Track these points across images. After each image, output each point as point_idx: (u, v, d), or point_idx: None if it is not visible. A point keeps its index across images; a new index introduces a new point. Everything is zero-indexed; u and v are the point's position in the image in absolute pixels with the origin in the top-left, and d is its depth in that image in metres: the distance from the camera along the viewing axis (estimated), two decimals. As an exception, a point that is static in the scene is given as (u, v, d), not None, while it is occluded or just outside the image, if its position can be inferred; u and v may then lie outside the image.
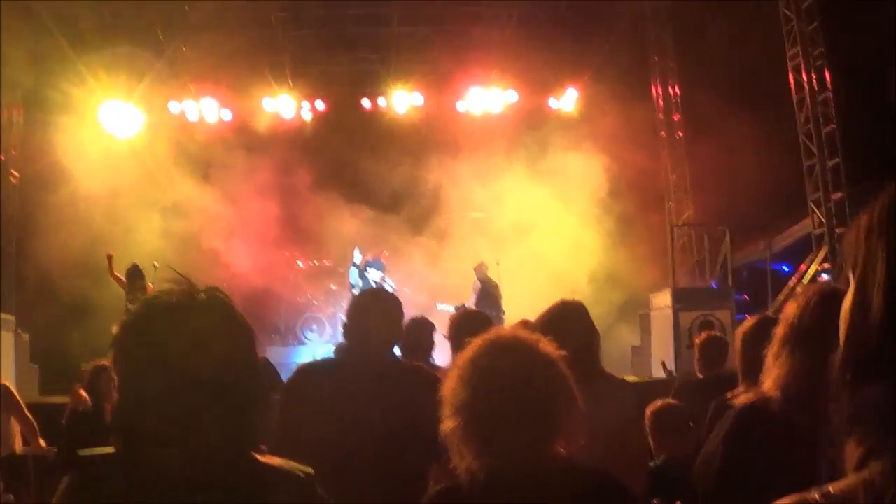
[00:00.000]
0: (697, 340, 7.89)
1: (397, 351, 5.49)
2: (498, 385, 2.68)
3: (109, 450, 2.26)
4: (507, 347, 2.81)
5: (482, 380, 2.71)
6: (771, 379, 3.17)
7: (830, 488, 1.31)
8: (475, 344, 2.83)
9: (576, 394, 2.78)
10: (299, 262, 20.81)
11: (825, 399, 2.73)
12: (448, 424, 2.74)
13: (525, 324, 5.53)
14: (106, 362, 9.04)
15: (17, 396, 8.88)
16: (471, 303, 17.26)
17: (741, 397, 3.40)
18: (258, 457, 2.29)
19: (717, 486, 3.24)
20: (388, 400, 4.51)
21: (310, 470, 2.37)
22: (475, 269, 17.68)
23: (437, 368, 6.44)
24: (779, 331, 3.20)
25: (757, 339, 4.50)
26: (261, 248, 19.22)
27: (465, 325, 5.88)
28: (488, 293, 17.38)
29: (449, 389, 2.78)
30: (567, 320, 4.79)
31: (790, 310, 3.20)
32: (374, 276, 18.03)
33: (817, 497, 1.29)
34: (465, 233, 19.36)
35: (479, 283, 17.69)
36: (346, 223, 19.42)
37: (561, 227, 19.57)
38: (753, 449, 3.12)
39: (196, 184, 19.24)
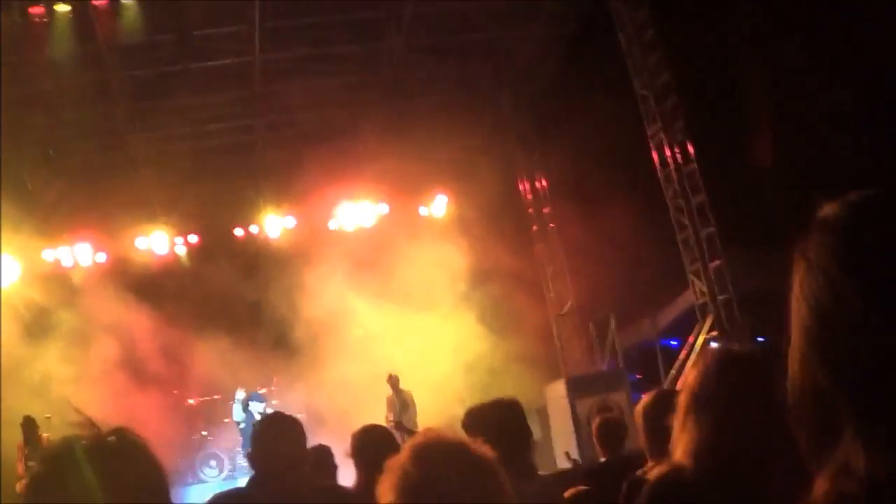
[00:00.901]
0: (594, 424, 7.94)
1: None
2: (434, 488, 2.65)
3: None
4: (443, 454, 2.78)
5: (419, 492, 2.67)
6: (680, 448, 3.17)
7: None
8: (408, 453, 2.81)
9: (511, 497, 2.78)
10: (190, 400, 20.46)
11: (740, 455, 2.78)
12: None
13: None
14: None
15: None
16: (388, 416, 16.99)
17: (654, 470, 3.41)
18: None
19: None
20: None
21: None
22: (388, 381, 17.29)
23: (344, 487, 6.39)
24: (681, 399, 3.21)
25: (658, 413, 4.56)
26: (148, 391, 18.82)
27: (369, 441, 5.85)
28: (407, 404, 17.10)
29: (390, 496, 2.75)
30: (501, 419, 4.79)
31: (690, 376, 3.22)
32: (256, 408, 17.67)
33: None
34: (349, 350, 19.19)
35: (395, 396, 17.38)
36: (232, 354, 19.13)
37: (444, 332, 19.62)
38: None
39: (75, 331, 18.82)
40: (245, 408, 17.60)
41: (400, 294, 19.60)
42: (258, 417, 17.14)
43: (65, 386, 17.78)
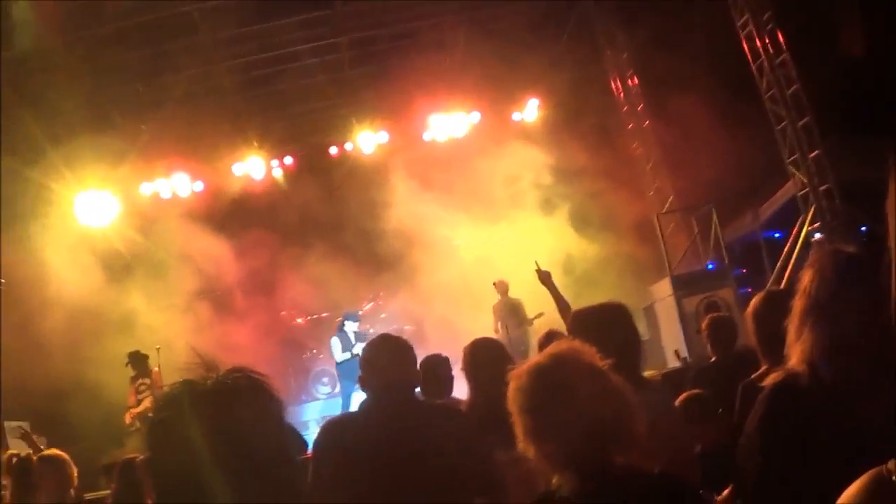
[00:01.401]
0: (704, 324, 7.88)
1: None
2: (569, 403, 2.73)
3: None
4: (555, 361, 2.84)
5: (550, 398, 2.75)
6: (796, 354, 3.11)
7: None
8: (534, 364, 2.88)
9: (632, 404, 2.82)
10: (299, 319, 20.77)
11: (856, 366, 2.71)
12: (526, 446, 2.85)
13: (553, 335, 5.47)
14: (133, 457, 8.90)
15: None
16: (497, 326, 17.11)
17: (769, 377, 3.35)
18: None
19: (761, 473, 3.20)
20: (422, 443, 4.48)
21: None
22: (497, 287, 17.38)
23: (459, 402, 6.42)
24: (797, 303, 3.14)
25: (769, 315, 4.50)
26: (257, 315, 19.14)
27: (481, 355, 5.86)
28: (516, 309, 17.16)
29: (515, 413, 2.83)
30: (609, 324, 4.75)
31: (805, 280, 3.15)
32: (350, 328, 17.81)
33: (893, 473, 1.25)
34: (451, 261, 19.23)
35: (503, 303, 17.43)
36: (335, 273, 19.29)
37: (544, 235, 19.55)
38: (791, 429, 3.07)
39: (181, 260, 19.15)
40: (341, 328, 17.78)
41: (496, 200, 19.56)
42: (353, 337, 17.35)
43: (175, 319, 18.18)
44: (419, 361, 5.64)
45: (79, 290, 18.10)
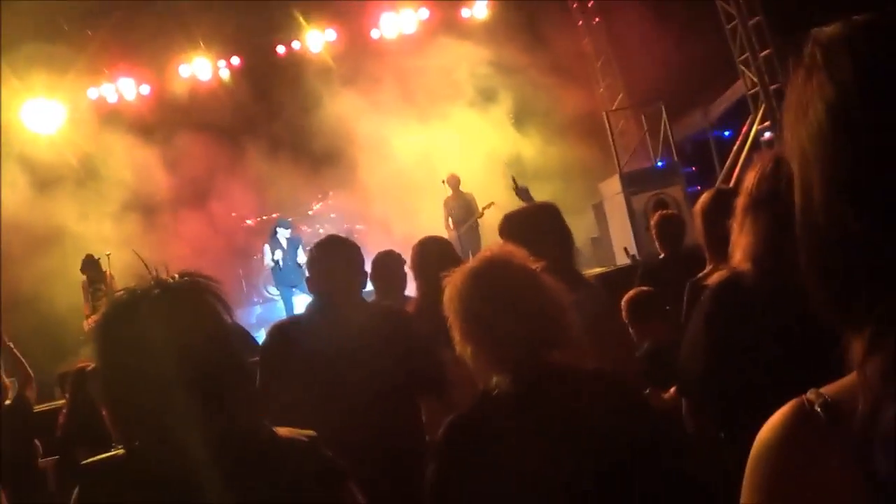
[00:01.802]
0: (652, 221, 7.94)
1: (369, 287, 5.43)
2: (502, 306, 2.77)
3: (115, 452, 2.24)
4: (496, 263, 2.89)
5: (483, 302, 2.80)
6: (740, 250, 3.17)
7: (825, 392, 1.26)
8: (465, 266, 2.92)
9: (566, 303, 2.87)
10: (249, 221, 20.67)
11: (796, 262, 2.75)
12: (462, 347, 2.90)
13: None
14: (85, 365, 8.91)
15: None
16: (447, 221, 17.07)
17: (714, 275, 3.40)
18: (275, 429, 2.28)
19: (706, 368, 3.26)
20: (366, 344, 4.51)
21: (312, 433, 2.37)
22: (448, 182, 17.25)
23: (407, 300, 6.46)
24: (739, 202, 3.19)
25: (716, 213, 4.55)
26: (207, 215, 19.06)
27: (428, 254, 5.89)
28: (468, 204, 17.11)
29: (450, 310, 2.87)
30: (544, 225, 4.77)
31: (749, 179, 3.19)
32: (283, 234, 17.72)
33: (815, 404, 1.24)
34: (400, 159, 19.18)
35: (454, 198, 17.34)
36: (283, 173, 19.19)
37: (492, 132, 19.57)
38: (736, 325, 3.13)
39: (128, 163, 18.95)
40: (273, 234, 17.73)
41: (440, 97, 19.45)
42: (285, 243, 17.31)
43: (125, 223, 18.05)
44: (372, 259, 5.64)
45: (18, 200, 17.94)
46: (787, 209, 2.79)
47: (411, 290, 6.49)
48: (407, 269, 6.28)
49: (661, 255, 7.71)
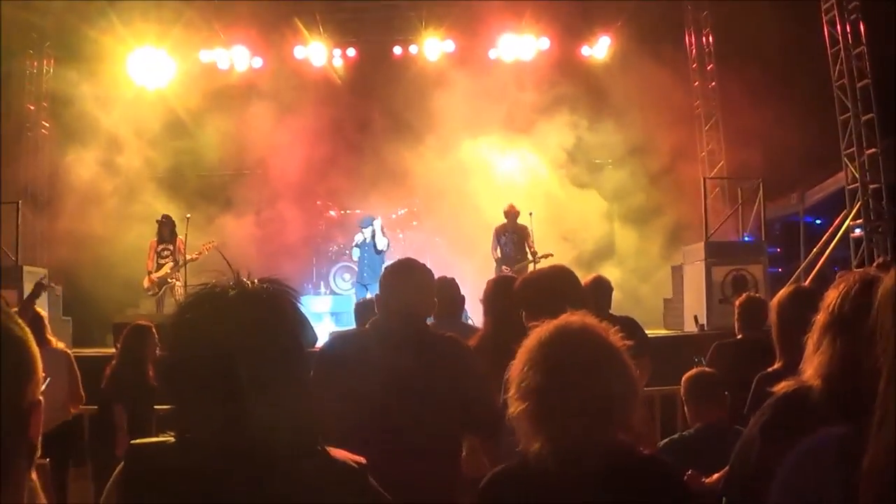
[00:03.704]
0: (738, 301, 7.84)
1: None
2: (569, 373, 2.75)
3: (165, 439, 2.27)
4: (576, 336, 2.86)
5: (553, 367, 2.77)
6: (812, 367, 3.14)
7: None
8: (545, 329, 2.90)
9: (638, 386, 2.86)
10: (331, 212, 20.79)
11: (867, 389, 2.73)
12: (516, 406, 2.84)
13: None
14: (145, 322, 9.03)
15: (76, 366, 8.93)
16: (494, 246, 16.77)
17: (782, 384, 3.37)
18: (328, 449, 2.29)
19: (754, 477, 3.23)
20: (426, 374, 4.51)
21: (362, 460, 2.38)
22: (507, 212, 16.86)
23: (469, 329, 6.47)
24: (819, 318, 3.15)
25: (792, 312, 4.51)
26: (293, 198, 19.22)
27: (502, 292, 5.89)
28: (520, 238, 16.77)
29: (517, 371, 2.85)
30: (564, 288, 4.74)
31: (831, 297, 3.16)
32: (367, 233, 17.56)
33: None
34: (495, 183, 19.23)
35: (506, 227, 16.98)
36: (375, 171, 19.26)
37: (593, 175, 19.58)
38: (792, 440, 3.10)
39: (227, 133, 19.20)
40: (361, 230, 17.66)
41: (546, 131, 19.51)
42: (366, 241, 17.18)
43: (211, 190, 18.32)
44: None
45: (124, 147, 18.28)
46: (868, 334, 2.76)
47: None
48: (479, 300, 6.28)
49: (739, 336, 7.63)
